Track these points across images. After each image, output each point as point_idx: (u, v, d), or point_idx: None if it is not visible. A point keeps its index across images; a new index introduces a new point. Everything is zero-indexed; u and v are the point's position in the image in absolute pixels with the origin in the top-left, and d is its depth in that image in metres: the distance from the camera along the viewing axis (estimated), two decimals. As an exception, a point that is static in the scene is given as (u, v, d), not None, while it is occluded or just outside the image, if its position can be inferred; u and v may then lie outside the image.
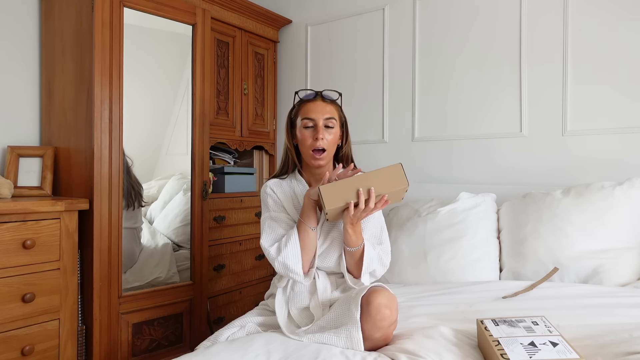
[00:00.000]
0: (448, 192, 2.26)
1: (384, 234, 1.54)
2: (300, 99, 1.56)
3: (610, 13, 2.04)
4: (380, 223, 1.55)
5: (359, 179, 1.32)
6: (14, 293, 1.67)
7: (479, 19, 2.36)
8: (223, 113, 2.60)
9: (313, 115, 1.49)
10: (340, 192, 1.31)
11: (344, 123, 1.59)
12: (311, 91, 1.54)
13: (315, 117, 1.49)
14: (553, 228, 1.81)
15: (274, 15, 2.87)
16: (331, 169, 1.57)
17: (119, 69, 1.96)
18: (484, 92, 2.35)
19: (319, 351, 1.18)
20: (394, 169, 1.33)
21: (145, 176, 2.24)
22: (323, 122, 1.49)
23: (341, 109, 1.59)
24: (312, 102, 1.52)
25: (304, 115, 1.50)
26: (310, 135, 1.49)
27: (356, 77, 2.75)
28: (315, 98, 1.53)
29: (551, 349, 1.06)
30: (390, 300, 1.25)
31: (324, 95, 1.53)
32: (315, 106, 1.50)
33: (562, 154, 2.15)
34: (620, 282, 1.70)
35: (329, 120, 1.50)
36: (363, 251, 1.40)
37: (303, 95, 1.55)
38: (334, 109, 1.53)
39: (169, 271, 2.23)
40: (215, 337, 1.39)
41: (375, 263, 1.44)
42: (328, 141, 1.49)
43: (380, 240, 1.52)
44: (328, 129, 1.50)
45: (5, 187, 1.84)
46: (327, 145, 1.49)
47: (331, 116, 1.50)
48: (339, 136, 1.55)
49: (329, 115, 1.50)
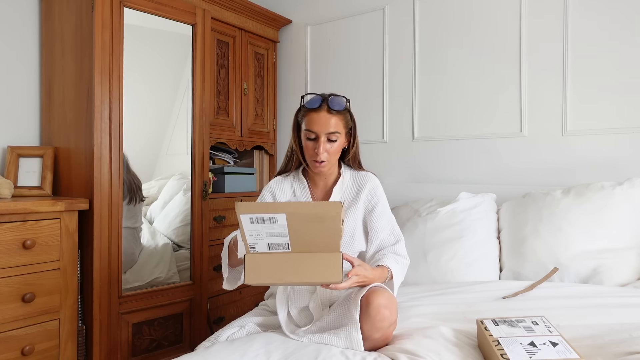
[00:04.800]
0: (448, 192, 2.26)
1: (397, 227, 1.55)
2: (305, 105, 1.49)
3: (610, 12, 2.04)
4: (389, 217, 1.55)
5: (293, 259, 1.16)
6: (14, 293, 1.67)
7: (479, 19, 2.36)
8: (223, 113, 2.60)
9: (315, 129, 1.43)
10: (269, 267, 1.15)
11: (352, 128, 1.54)
12: (317, 97, 1.46)
13: (318, 130, 1.43)
14: (553, 228, 1.81)
15: (274, 15, 2.87)
16: (336, 170, 1.57)
17: (119, 69, 1.96)
18: (484, 92, 2.35)
19: (318, 351, 1.18)
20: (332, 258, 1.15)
21: (145, 176, 2.23)
22: (325, 137, 1.44)
23: (350, 114, 1.51)
24: (316, 112, 1.44)
25: (307, 127, 1.46)
26: (312, 146, 1.46)
27: (356, 77, 2.75)
28: (321, 107, 1.44)
29: (551, 349, 1.06)
30: (390, 300, 1.25)
31: (330, 105, 1.44)
32: (319, 118, 1.43)
33: (562, 154, 2.15)
34: (620, 282, 1.69)
35: (331, 135, 1.44)
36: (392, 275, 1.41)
37: (308, 103, 1.47)
38: (339, 121, 1.46)
39: (169, 271, 2.23)
40: (215, 337, 1.38)
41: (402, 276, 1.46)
42: (329, 154, 1.46)
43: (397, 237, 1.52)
44: (330, 142, 1.46)
45: (5, 187, 1.84)
46: (327, 158, 1.46)
47: (335, 130, 1.45)
48: (343, 143, 1.51)
49: (333, 130, 1.44)
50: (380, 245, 1.51)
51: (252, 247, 1.15)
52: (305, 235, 1.13)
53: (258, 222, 1.11)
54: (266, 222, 1.11)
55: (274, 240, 1.14)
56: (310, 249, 1.15)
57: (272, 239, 1.14)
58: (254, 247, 1.15)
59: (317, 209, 1.11)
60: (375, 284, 1.33)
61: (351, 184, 1.56)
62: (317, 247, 1.15)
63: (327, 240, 1.14)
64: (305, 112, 1.48)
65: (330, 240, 1.14)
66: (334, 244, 1.15)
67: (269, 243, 1.15)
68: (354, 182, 1.57)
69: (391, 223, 1.54)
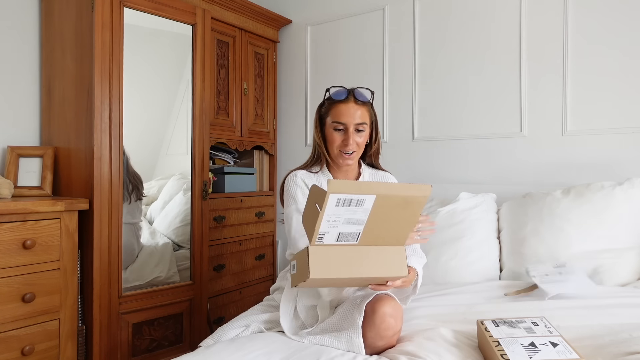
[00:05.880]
0: (448, 192, 2.26)
1: None
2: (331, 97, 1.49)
3: (610, 12, 2.04)
4: None
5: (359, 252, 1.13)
6: (14, 293, 1.67)
7: (479, 19, 2.36)
8: (223, 113, 2.60)
9: (344, 120, 1.44)
10: (335, 261, 1.09)
11: (374, 121, 1.54)
12: (343, 89, 1.47)
13: (347, 121, 1.44)
14: (553, 228, 1.81)
15: (274, 15, 2.87)
16: (356, 167, 1.57)
17: (119, 69, 1.96)
18: (484, 92, 2.35)
19: (320, 352, 1.18)
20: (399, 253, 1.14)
21: (146, 176, 2.23)
22: (354, 127, 1.45)
23: (372, 107, 1.53)
24: (344, 103, 1.45)
25: (335, 118, 1.46)
26: (339, 137, 1.46)
27: (356, 77, 2.75)
28: (347, 99, 1.46)
29: (551, 350, 1.06)
30: (396, 309, 1.24)
31: (356, 96, 1.46)
32: (348, 109, 1.45)
33: (562, 154, 2.15)
34: (620, 282, 1.70)
35: (360, 125, 1.46)
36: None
37: (335, 95, 1.48)
38: (366, 112, 1.48)
39: (169, 271, 2.23)
40: (218, 335, 1.36)
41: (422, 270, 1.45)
42: (357, 145, 1.47)
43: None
44: (359, 133, 1.47)
45: (5, 187, 1.84)
46: (356, 149, 1.47)
47: (363, 121, 1.46)
48: (367, 136, 1.52)
49: (361, 121, 1.46)
50: None
51: (321, 237, 1.09)
52: (381, 225, 1.10)
53: (344, 204, 1.04)
54: (352, 204, 1.05)
55: (347, 229, 1.09)
56: (378, 242, 1.13)
57: (347, 227, 1.09)
58: (322, 237, 1.09)
59: (408, 191, 1.08)
60: (382, 292, 1.30)
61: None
62: (384, 240, 1.13)
63: (399, 231, 1.13)
64: (331, 105, 1.48)
65: (402, 230, 1.13)
66: (403, 236, 1.14)
67: (340, 232, 1.09)
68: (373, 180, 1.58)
69: None
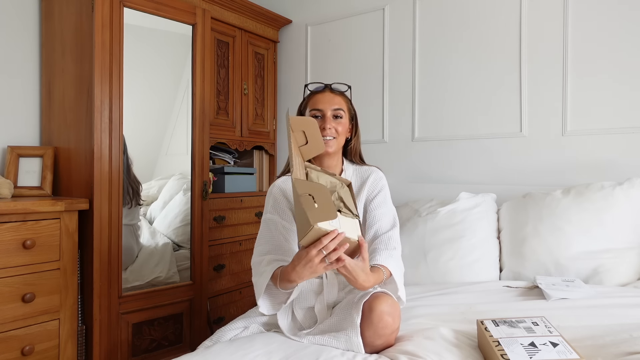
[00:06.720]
0: (448, 192, 2.26)
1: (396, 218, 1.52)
2: (310, 91, 1.57)
3: (610, 13, 2.04)
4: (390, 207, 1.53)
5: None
6: (14, 293, 1.67)
7: (479, 19, 2.36)
8: (223, 113, 2.60)
9: (321, 106, 1.50)
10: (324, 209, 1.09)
11: (354, 116, 1.59)
12: (320, 84, 1.56)
13: (323, 107, 1.50)
14: (553, 228, 1.81)
15: (274, 15, 2.87)
16: (339, 162, 1.57)
17: (119, 69, 1.96)
18: (484, 92, 2.35)
19: (319, 352, 1.18)
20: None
21: (145, 176, 2.24)
22: (331, 113, 1.50)
23: (350, 102, 1.60)
24: (320, 93, 1.53)
25: (312, 107, 1.52)
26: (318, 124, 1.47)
27: (356, 77, 2.75)
28: (324, 90, 1.54)
29: (551, 350, 1.06)
30: (393, 307, 1.24)
31: (333, 88, 1.55)
32: (324, 97, 1.52)
33: (562, 154, 2.15)
34: (620, 282, 1.70)
35: (337, 111, 1.51)
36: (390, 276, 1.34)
37: (313, 88, 1.57)
38: (343, 101, 1.54)
39: (169, 271, 2.23)
40: (217, 337, 1.37)
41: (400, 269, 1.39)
42: (336, 131, 1.49)
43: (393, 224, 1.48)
44: (336, 119, 1.50)
45: (5, 187, 1.84)
46: (334, 134, 1.49)
47: (339, 107, 1.51)
48: (347, 128, 1.55)
49: (337, 106, 1.51)
50: (377, 232, 1.46)
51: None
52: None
53: None
54: None
55: None
56: None
57: None
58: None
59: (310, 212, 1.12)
60: (380, 290, 1.31)
61: (355, 178, 1.57)
62: None
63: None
64: (309, 97, 1.55)
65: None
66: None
67: None
68: (357, 177, 1.57)
69: (391, 212, 1.52)
